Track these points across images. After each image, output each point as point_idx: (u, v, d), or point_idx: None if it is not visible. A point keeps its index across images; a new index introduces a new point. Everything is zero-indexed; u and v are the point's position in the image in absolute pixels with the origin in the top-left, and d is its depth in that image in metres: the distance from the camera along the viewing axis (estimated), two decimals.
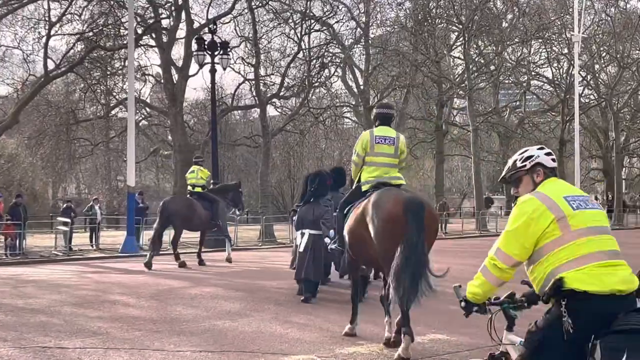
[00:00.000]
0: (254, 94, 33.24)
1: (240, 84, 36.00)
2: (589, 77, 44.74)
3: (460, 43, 38.73)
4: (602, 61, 45.01)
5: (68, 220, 22.50)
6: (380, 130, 8.06)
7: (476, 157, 37.61)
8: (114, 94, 35.79)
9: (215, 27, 27.19)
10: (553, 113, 47.44)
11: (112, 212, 41.77)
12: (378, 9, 37.19)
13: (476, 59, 39.78)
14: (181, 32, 32.82)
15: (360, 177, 8.06)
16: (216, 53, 26.05)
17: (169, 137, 37.87)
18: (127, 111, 24.98)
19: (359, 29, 37.40)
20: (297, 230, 11.67)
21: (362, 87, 38.43)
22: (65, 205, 26.53)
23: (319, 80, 34.65)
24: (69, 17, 31.19)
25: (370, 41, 37.96)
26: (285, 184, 50.98)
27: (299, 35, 33.56)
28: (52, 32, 30.57)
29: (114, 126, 38.49)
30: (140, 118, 37.71)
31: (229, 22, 33.79)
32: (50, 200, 50.51)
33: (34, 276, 15.23)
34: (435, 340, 8.08)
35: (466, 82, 36.85)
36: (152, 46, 33.45)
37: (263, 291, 12.31)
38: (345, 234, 8.07)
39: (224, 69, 27.40)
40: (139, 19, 30.82)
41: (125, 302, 11.17)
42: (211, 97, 27.37)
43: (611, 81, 43.44)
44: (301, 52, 33.74)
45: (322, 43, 35.28)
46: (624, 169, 51.09)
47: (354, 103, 39.75)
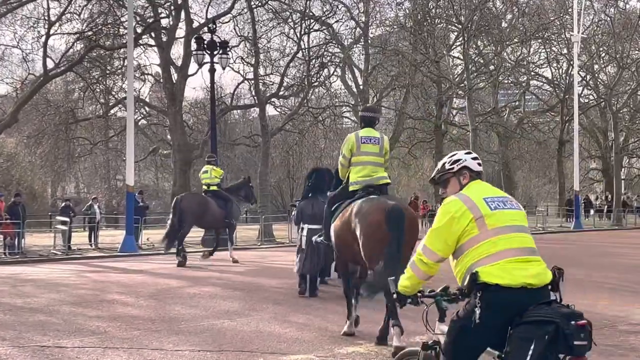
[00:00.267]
0: (253, 93, 33.18)
1: (239, 84, 36.04)
2: (588, 77, 44.79)
3: (459, 43, 38.73)
4: (602, 61, 45.06)
5: (67, 219, 22.41)
6: (365, 132, 8.39)
7: None
8: (113, 93, 35.82)
9: (214, 26, 27.15)
10: (552, 113, 47.46)
11: (111, 212, 41.71)
12: (377, 9, 37.18)
13: (475, 59, 39.78)
14: (180, 31, 32.91)
15: (349, 178, 8.32)
16: (215, 52, 26.01)
17: (168, 137, 37.87)
18: (126, 110, 24.95)
19: (358, 29, 37.40)
20: (296, 225, 11.71)
21: (361, 86, 38.41)
22: (64, 204, 26.43)
23: (318, 80, 34.60)
24: (68, 16, 31.32)
25: (369, 41, 37.91)
26: (285, 183, 50.92)
27: (298, 34, 33.51)
28: (52, 31, 30.65)
29: (113, 125, 38.43)
30: (140, 117, 37.74)
31: (229, 21, 33.82)
32: (49, 199, 50.40)
33: (33, 275, 15.22)
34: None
35: (465, 82, 36.82)
36: (151, 45, 33.49)
37: (262, 291, 12.30)
38: (331, 233, 8.34)
39: (223, 68, 27.37)
40: (138, 18, 30.84)
41: (124, 301, 11.16)
42: (210, 97, 27.33)
43: (610, 81, 43.47)
44: (300, 51, 33.70)
45: (321, 43, 35.25)
46: (623, 169, 51.09)
47: (353, 103, 39.67)
